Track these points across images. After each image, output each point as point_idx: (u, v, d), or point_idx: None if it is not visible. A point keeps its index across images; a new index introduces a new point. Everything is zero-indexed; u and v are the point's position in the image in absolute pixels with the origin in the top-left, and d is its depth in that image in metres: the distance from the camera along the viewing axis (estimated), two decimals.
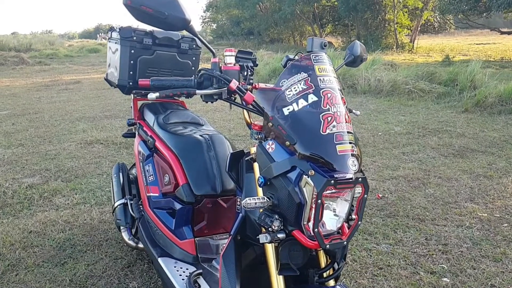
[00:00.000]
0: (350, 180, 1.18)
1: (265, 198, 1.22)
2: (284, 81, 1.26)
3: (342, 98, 1.26)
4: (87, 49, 24.58)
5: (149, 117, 2.18)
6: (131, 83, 2.21)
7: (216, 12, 34.42)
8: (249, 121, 1.40)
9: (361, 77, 7.98)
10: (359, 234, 2.62)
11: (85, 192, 3.33)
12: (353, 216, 1.29)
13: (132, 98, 2.37)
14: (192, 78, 1.32)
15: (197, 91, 1.27)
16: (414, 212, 2.93)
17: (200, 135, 1.90)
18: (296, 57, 1.55)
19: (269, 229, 1.20)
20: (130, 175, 2.47)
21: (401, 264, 2.33)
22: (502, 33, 18.70)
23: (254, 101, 1.31)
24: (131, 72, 2.20)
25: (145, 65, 2.20)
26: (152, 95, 1.22)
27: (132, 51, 2.17)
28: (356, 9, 21.00)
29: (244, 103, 1.36)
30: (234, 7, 29.73)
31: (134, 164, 2.58)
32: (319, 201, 1.15)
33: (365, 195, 1.25)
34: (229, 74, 1.31)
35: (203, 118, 2.27)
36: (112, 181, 2.42)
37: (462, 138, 4.82)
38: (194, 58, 2.38)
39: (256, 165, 1.34)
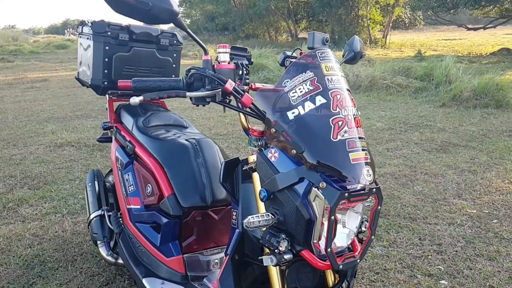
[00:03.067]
0: (364, 192, 1.06)
1: (270, 214, 1.07)
2: (288, 81, 1.12)
3: (352, 99, 1.13)
4: (54, 45, 23.59)
5: (127, 120, 1.99)
6: (106, 83, 2.02)
7: (190, 7, 33.86)
8: (246, 125, 1.25)
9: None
10: None
11: (56, 200, 3.08)
12: (363, 229, 1.17)
13: (107, 99, 2.17)
14: (181, 78, 1.15)
15: (188, 94, 1.11)
16: (405, 211, 2.86)
17: (186, 140, 1.73)
18: (295, 54, 1.42)
19: (276, 250, 1.06)
20: (107, 183, 2.26)
21: (398, 267, 2.24)
22: (469, 29, 19.25)
23: (252, 103, 1.16)
24: (106, 71, 2.00)
25: (122, 62, 2.01)
26: (136, 99, 1.05)
27: (107, 47, 1.97)
28: (330, 5, 21.10)
29: (241, 106, 1.21)
30: (208, 3, 29.31)
31: (111, 171, 2.38)
32: (333, 217, 1.02)
33: (379, 207, 1.13)
34: (223, 73, 1.16)
35: (186, 119, 2.10)
36: (86, 191, 2.21)
37: (443, 132, 4.83)
38: (175, 55, 2.20)
39: (255, 176, 1.19)
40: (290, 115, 1.08)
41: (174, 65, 2.21)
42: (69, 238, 2.54)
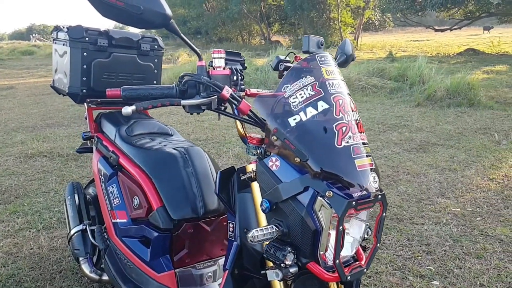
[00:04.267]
0: (370, 199, 1.02)
1: (274, 227, 1.02)
2: (287, 87, 1.07)
3: (354, 104, 1.10)
4: (20, 51, 22.77)
5: (109, 129, 1.89)
6: (84, 91, 1.92)
7: None
8: (243, 133, 1.19)
9: None
10: None
11: (29, 215, 2.91)
12: (365, 236, 1.14)
13: (86, 107, 2.06)
14: (174, 85, 1.08)
15: (183, 102, 1.04)
16: (391, 212, 2.87)
17: (174, 148, 1.65)
18: (288, 58, 1.37)
19: (281, 264, 1.00)
20: (87, 195, 2.15)
21: (389, 269, 2.23)
22: (436, 30, 19.87)
23: (250, 110, 1.10)
24: (84, 78, 1.90)
25: (101, 69, 1.92)
26: (128, 109, 0.97)
27: (85, 53, 1.88)
28: (302, 8, 21.33)
29: (237, 113, 1.15)
30: (179, 6, 29.00)
31: (90, 182, 2.27)
32: (341, 227, 0.97)
33: (384, 213, 1.10)
34: (219, 79, 1.09)
35: (171, 127, 2.02)
36: (65, 205, 2.08)
37: (421, 132, 4.91)
38: (156, 60, 2.13)
39: (254, 185, 1.13)
40: (292, 121, 1.03)
41: (155, 71, 2.14)
42: (46, 254, 2.40)
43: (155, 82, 2.17)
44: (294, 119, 1.03)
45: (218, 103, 1.08)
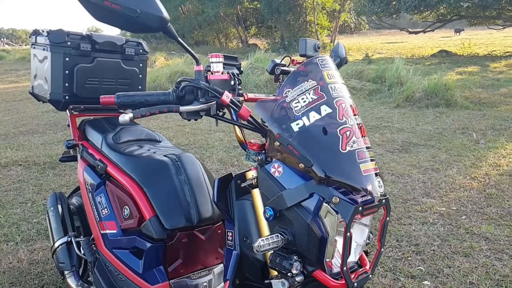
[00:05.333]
0: (375, 204, 1.01)
1: (279, 235, 0.99)
2: (289, 91, 1.04)
3: (355, 107, 1.08)
4: None
5: (95, 137, 1.82)
6: (67, 97, 1.84)
7: None
8: (242, 139, 1.15)
9: None
10: None
11: (6, 227, 2.78)
12: (367, 241, 1.13)
13: (69, 114, 1.98)
14: (170, 91, 1.04)
15: (181, 108, 1.00)
16: (379, 213, 2.87)
17: (165, 155, 1.60)
18: (284, 62, 1.35)
19: (288, 273, 0.98)
20: (71, 206, 2.07)
21: (380, 271, 2.23)
22: (410, 32, 20.37)
23: (251, 116, 1.07)
24: (66, 84, 1.83)
25: (84, 74, 1.85)
26: (125, 117, 0.92)
27: (67, 58, 1.81)
28: (278, 11, 21.48)
29: (235, 118, 1.12)
30: None
31: (74, 192, 2.19)
32: (348, 234, 0.95)
33: (387, 218, 1.09)
34: (217, 84, 1.06)
35: (158, 133, 1.97)
36: (48, 217, 1.99)
37: (402, 133, 4.99)
38: (141, 65, 2.07)
39: (255, 192, 1.10)
40: (295, 126, 1.01)
41: (140, 76, 2.09)
42: (26, 268, 2.29)
43: (140, 87, 2.12)
44: (297, 124, 1.01)
45: (216, 108, 1.05)
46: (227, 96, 1.02)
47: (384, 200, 1.03)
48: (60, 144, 4.74)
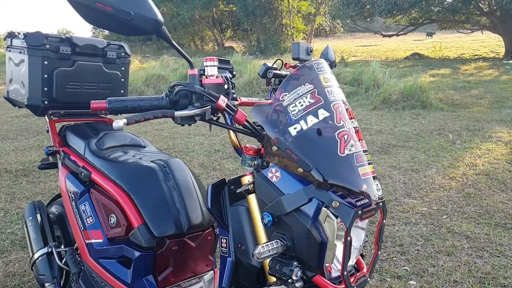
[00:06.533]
0: (373, 207, 1.01)
1: (278, 241, 0.97)
2: (286, 95, 1.03)
3: (351, 111, 1.08)
4: None
5: (77, 143, 1.75)
6: (46, 102, 1.78)
7: None
8: (237, 144, 1.13)
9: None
10: None
11: None
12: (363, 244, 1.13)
13: (48, 120, 1.91)
14: (163, 96, 1.01)
15: (176, 113, 0.97)
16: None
17: (152, 161, 1.56)
18: (276, 65, 1.34)
19: (289, 280, 0.96)
20: (50, 215, 1.99)
21: None
22: (384, 36, 20.81)
23: (246, 120, 1.05)
24: (45, 89, 1.76)
25: (64, 79, 1.78)
26: (119, 123, 0.88)
27: (46, 62, 1.74)
28: (254, 14, 21.53)
29: (230, 123, 1.10)
30: None
31: (53, 200, 2.11)
32: (349, 238, 0.95)
33: (384, 220, 1.09)
34: (211, 88, 1.03)
35: (143, 138, 1.92)
36: (26, 227, 1.91)
37: (381, 134, 5.08)
38: (123, 68, 2.02)
39: (251, 198, 1.08)
40: (292, 130, 0.99)
41: (122, 79, 2.04)
42: (2, 281, 2.19)
43: (122, 91, 2.07)
44: (295, 128, 0.99)
45: (212, 113, 1.02)
46: (223, 101, 1.00)
47: (381, 203, 1.04)
48: (33, 150, 4.56)
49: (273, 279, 1.03)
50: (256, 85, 8.02)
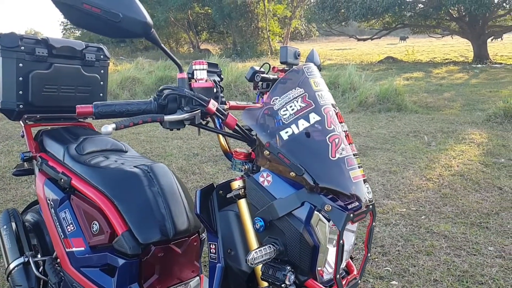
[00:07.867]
0: (364, 210, 1.02)
1: (271, 246, 0.97)
2: (276, 99, 1.02)
3: (341, 115, 1.09)
4: None
5: (55, 148, 1.69)
6: (21, 106, 1.71)
7: None
8: (226, 148, 1.12)
9: (250, 84, 8.06)
10: None
11: None
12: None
13: (23, 124, 1.83)
14: (151, 100, 0.99)
15: (166, 117, 0.95)
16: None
17: (135, 167, 1.52)
18: (263, 69, 1.33)
19: (282, 285, 0.95)
20: (26, 223, 1.91)
21: None
22: (359, 39, 21.23)
23: (237, 124, 1.04)
24: (20, 92, 1.70)
25: (40, 81, 1.73)
26: (108, 128, 0.86)
27: (21, 64, 1.68)
28: (230, 17, 21.54)
29: (220, 127, 1.08)
30: None
31: (28, 208, 2.03)
32: (341, 241, 0.95)
33: (374, 223, 1.11)
34: (201, 92, 1.02)
35: (124, 142, 1.87)
36: (1, 236, 1.82)
37: (358, 137, 5.15)
38: (102, 71, 1.98)
39: (242, 203, 1.07)
40: (284, 135, 0.99)
41: (101, 83, 2.00)
42: None
43: (101, 94, 2.02)
44: (286, 132, 0.99)
45: (202, 117, 1.01)
46: (213, 105, 0.98)
47: (371, 206, 1.05)
48: (2, 156, 4.39)
49: (265, 284, 1.03)
50: (234, 88, 8.01)
